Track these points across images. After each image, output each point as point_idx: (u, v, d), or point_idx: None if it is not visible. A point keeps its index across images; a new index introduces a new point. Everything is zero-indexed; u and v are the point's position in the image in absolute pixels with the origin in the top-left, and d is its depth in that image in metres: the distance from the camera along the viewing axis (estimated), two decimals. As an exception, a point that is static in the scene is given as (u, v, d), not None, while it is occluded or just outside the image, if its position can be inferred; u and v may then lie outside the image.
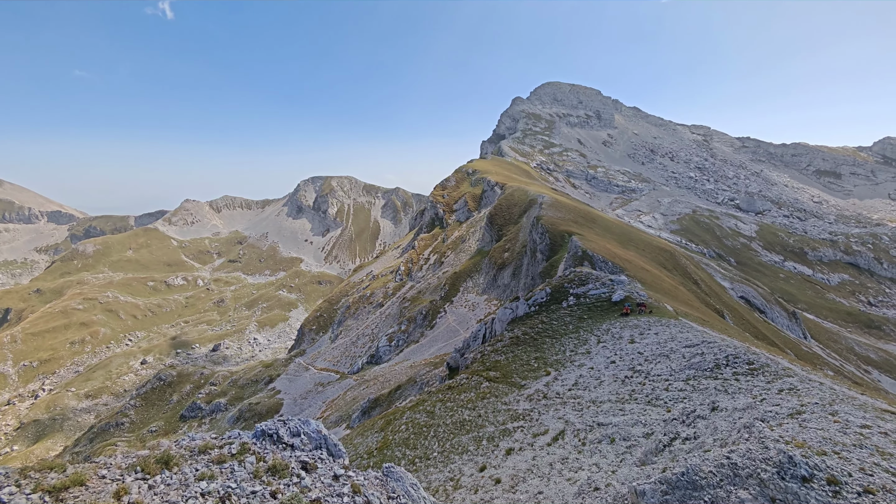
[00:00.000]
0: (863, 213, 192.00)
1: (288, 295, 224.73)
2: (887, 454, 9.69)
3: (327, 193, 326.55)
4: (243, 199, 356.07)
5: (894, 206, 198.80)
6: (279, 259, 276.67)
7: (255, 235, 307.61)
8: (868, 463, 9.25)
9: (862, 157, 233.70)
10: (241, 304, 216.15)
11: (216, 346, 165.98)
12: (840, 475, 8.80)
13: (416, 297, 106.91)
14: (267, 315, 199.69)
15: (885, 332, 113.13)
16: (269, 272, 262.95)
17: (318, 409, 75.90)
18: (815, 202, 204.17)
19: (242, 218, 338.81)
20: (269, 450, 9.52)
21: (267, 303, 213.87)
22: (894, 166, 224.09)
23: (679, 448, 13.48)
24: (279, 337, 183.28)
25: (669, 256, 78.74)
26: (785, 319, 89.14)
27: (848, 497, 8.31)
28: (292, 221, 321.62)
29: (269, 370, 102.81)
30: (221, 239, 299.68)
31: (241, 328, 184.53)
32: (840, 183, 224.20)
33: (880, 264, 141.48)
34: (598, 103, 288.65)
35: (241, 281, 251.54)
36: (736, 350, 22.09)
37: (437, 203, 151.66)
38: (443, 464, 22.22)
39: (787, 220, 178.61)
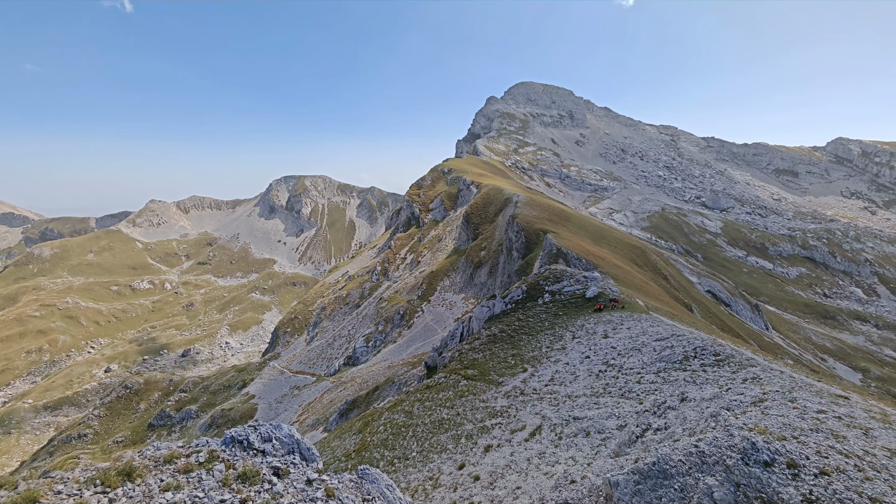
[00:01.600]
0: (818, 210, 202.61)
1: (261, 297, 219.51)
2: (841, 437, 10.27)
3: (301, 193, 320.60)
4: (212, 200, 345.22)
5: (846, 203, 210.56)
6: (251, 260, 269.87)
7: (226, 237, 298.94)
8: (824, 446, 9.78)
9: (816, 157, 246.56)
10: (211, 308, 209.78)
11: (186, 351, 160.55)
12: (799, 458, 9.28)
13: (393, 297, 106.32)
14: (239, 318, 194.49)
15: (839, 321, 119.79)
16: (240, 274, 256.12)
17: (294, 412, 74.50)
18: (775, 199, 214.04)
19: (212, 219, 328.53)
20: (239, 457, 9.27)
21: (239, 305, 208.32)
22: (846, 165, 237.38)
23: (651, 439, 13.89)
24: (252, 340, 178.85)
25: (640, 253, 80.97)
26: (748, 312, 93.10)
27: (806, 479, 8.78)
28: (265, 222, 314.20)
29: (243, 374, 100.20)
30: (190, 240, 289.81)
31: (213, 332, 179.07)
32: (797, 181, 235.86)
33: (834, 258, 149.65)
34: (571, 103, 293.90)
35: (212, 283, 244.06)
36: (703, 342, 22.92)
37: (414, 202, 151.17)
38: (422, 463, 22.19)
39: (749, 216, 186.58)
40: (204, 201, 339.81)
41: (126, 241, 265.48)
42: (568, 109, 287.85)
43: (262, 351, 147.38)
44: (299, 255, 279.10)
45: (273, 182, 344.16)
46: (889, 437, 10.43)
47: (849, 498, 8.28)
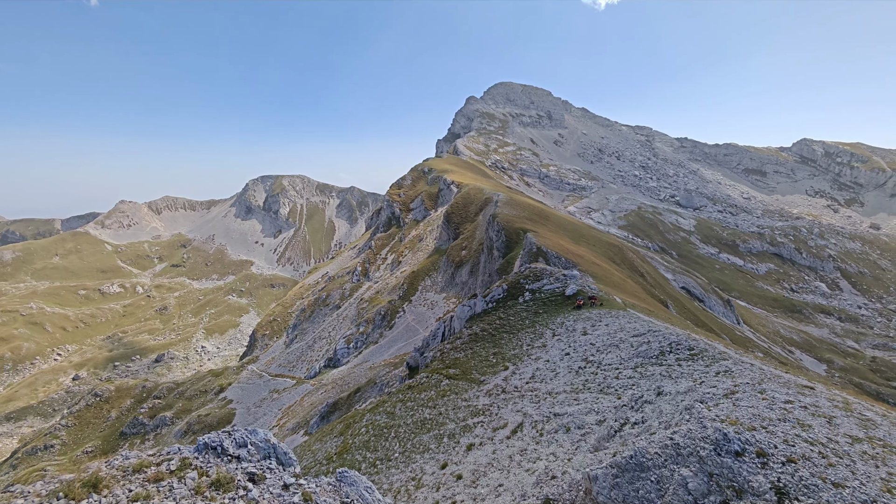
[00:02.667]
0: (785, 208, 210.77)
1: (238, 300, 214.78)
2: (806, 425, 10.71)
3: (278, 193, 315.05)
4: (186, 200, 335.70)
5: (810, 202, 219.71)
6: (228, 262, 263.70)
7: (201, 238, 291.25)
8: (790, 435, 10.19)
9: (783, 157, 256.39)
10: (186, 311, 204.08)
11: (160, 356, 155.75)
12: (767, 448, 9.64)
13: (375, 298, 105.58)
14: (216, 321, 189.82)
15: (805, 315, 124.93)
16: (216, 276, 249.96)
17: (273, 416, 73.19)
18: (745, 198, 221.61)
19: (186, 220, 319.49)
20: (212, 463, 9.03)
21: (215, 308, 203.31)
22: (810, 165, 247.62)
23: (629, 433, 14.19)
24: (230, 344, 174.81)
25: (618, 251, 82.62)
26: (721, 307, 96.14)
27: (774, 467, 9.13)
28: (241, 223, 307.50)
29: (220, 379, 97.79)
30: (163, 242, 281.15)
31: (188, 336, 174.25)
32: (765, 180, 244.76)
33: (800, 254, 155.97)
34: (549, 104, 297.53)
35: (186, 286, 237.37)
36: (678, 337, 23.54)
37: (394, 202, 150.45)
38: (404, 464, 22.12)
39: (721, 214, 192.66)
40: (177, 202, 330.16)
41: (94, 243, 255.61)
42: (546, 110, 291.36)
43: (240, 354, 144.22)
44: (277, 256, 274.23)
45: (250, 182, 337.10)
46: (851, 425, 10.94)
47: (814, 483, 8.65)
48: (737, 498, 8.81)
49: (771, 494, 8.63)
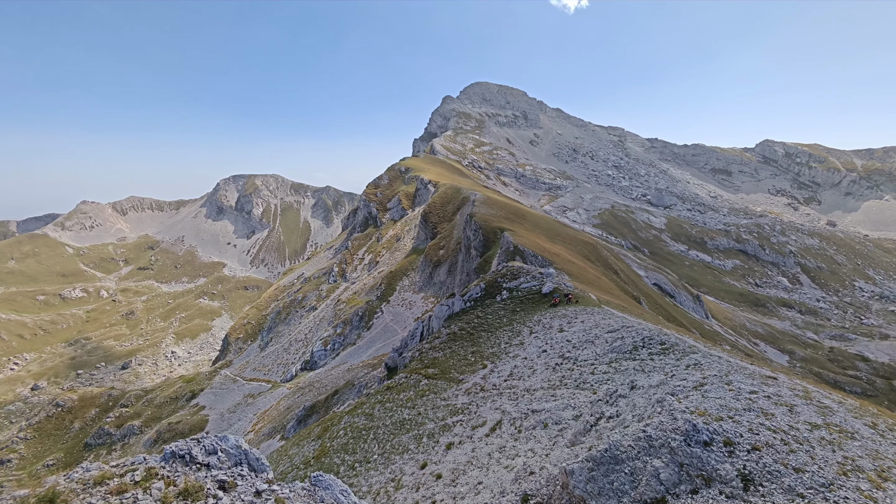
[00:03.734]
0: (749, 207, 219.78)
1: (210, 303, 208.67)
2: (770, 414, 11.21)
3: (251, 193, 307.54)
4: (153, 200, 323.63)
5: (773, 200, 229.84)
6: (198, 264, 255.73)
7: (170, 239, 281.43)
8: (755, 423, 10.64)
9: (747, 157, 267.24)
10: (154, 316, 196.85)
11: (126, 363, 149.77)
12: (734, 437, 10.04)
13: (352, 299, 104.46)
14: (186, 326, 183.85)
15: (768, 308, 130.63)
16: (186, 279, 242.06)
17: (248, 422, 71.49)
18: (712, 197, 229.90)
19: (153, 221, 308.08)
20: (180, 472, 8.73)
21: (186, 312, 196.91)
22: (772, 165, 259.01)
23: (604, 427, 14.52)
24: (201, 349, 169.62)
25: (592, 249, 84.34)
26: (690, 302, 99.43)
27: (740, 455, 9.52)
28: (212, 223, 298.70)
29: (191, 385, 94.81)
30: (129, 244, 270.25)
31: (157, 342, 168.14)
32: (731, 180, 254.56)
33: (763, 250, 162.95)
34: (525, 104, 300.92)
35: (155, 290, 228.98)
36: (650, 332, 24.21)
37: (371, 202, 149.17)
38: (383, 465, 21.99)
39: (689, 213, 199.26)
40: (144, 202, 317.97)
41: (54, 245, 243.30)
42: (522, 110, 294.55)
43: (213, 359, 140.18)
44: (251, 257, 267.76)
45: (221, 182, 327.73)
46: (810, 412, 11.51)
47: (776, 469, 9.07)
48: (706, 486, 9.15)
49: (737, 481, 9.01)
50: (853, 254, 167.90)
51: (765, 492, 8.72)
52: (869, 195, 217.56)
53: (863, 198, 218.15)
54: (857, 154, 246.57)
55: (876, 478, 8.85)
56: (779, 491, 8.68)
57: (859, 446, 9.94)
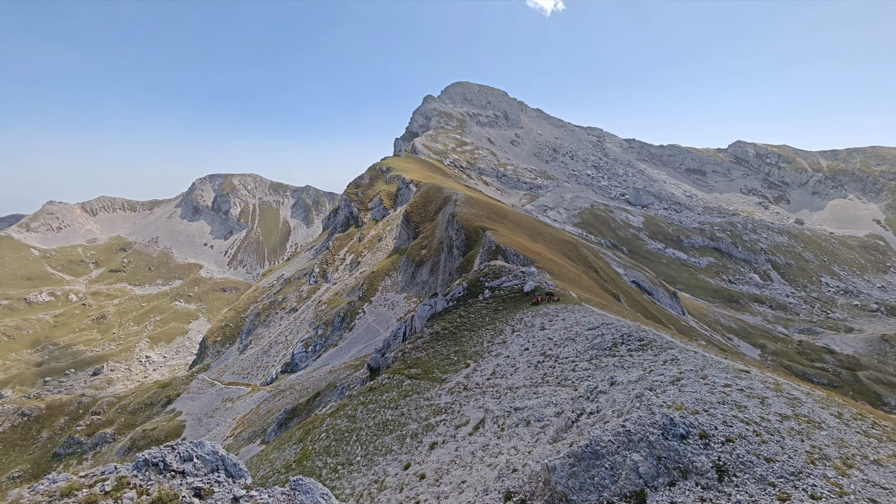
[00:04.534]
0: (722, 206, 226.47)
1: (186, 305, 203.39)
2: (742, 406, 11.59)
3: (228, 193, 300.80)
4: (125, 200, 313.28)
5: (744, 199, 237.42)
6: (174, 266, 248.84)
7: (143, 241, 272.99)
8: (729, 416, 10.99)
9: (720, 158, 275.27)
10: (128, 319, 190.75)
11: (98, 369, 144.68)
12: (709, 429, 10.35)
13: (333, 299, 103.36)
14: (161, 329, 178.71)
15: (741, 304, 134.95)
16: (161, 281, 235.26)
17: (227, 426, 69.99)
18: (687, 196, 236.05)
19: (125, 221, 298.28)
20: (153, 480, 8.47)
21: (160, 315, 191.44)
22: (743, 166, 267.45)
23: (585, 422, 14.75)
24: (177, 353, 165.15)
25: (573, 248, 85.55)
26: (667, 299, 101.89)
27: (715, 447, 9.82)
28: (188, 224, 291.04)
29: (167, 390, 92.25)
30: (99, 246, 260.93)
31: (130, 346, 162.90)
32: (705, 179, 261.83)
33: (736, 248, 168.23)
34: (506, 104, 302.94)
35: (128, 293, 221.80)
36: (629, 329, 24.72)
37: (352, 201, 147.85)
38: (366, 467, 21.84)
39: (666, 212, 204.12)
40: (115, 202, 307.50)
41: (18, 247, 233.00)
42: (503, 110, 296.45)
43: (189, 363, 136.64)
44: (229, 258, 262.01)
45: (196, 181, 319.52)
46: (781, 404, 11.94)
47: (749, 460, 9.39)
48: (683, 478, 9.40)
49: (712, 473, 9.28)
50: (820, 251, 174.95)
51: (738, 482, 9.02)
52: (834, 194, 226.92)
53: (828, 197, 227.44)
54: (823, 155, 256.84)
55: (841, 465, 9.25)
56: (751, 481, 8.99)
57: (826, 435, 10.37)
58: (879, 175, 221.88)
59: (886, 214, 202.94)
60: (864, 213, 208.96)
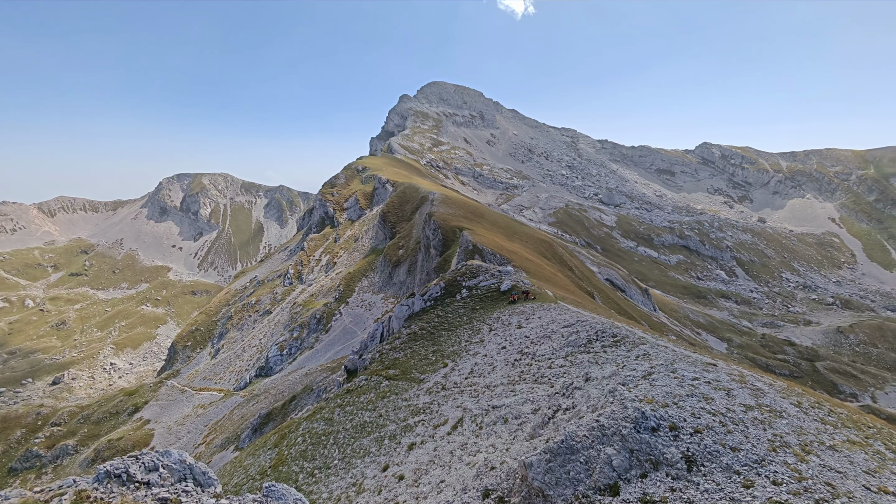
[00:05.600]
0: (690, 205, 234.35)
1: (154, 309, 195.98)
2: (710, 398, 12.04)
3: (198, 192, 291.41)
4: (87, 201, 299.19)
5: (711, 199, 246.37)
6: (140, 269, 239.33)
7: (106, 243, 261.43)
8: (697, 408, 11.40)
9: (688, 158, 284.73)
10: (90, 325, 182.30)
11: (58, 378, 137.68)
12: (678, 421, 10.70)
13: (309, 301, 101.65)
14: (127, 335, 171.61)
15: (709, 300, 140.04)
16: (126, 285, 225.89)
17: (199, 434, 67.87)
18: (657, 196, 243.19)
19: (87, 223, 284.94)
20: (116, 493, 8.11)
21: (126, 320, 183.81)
22: (710, 166, 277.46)
23: (561, 418, 15.00)
24: (145, 359, 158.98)
25: (548, 247, 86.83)
26: (640, 296, 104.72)
27: (684, 438, 10.17)
28: (155, 225, 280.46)
29: (134, 398, 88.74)
30: (58, 249, 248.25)
31: (93, 353, 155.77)
32: (674, 180, 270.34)
33: (704, 246, 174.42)
34: (481, 105, 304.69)
35: (90, 297, 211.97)
36: (603, 326, 25.28)
37: (327, 201, 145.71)
38: (344, 470, 21.59)
39: (638, 211, 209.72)
40: (75, 203, 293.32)
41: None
42: (479, 110, 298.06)
43: (158, 369, 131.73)
44: (199, 260, 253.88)
45: (164, 181, 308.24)
46: (745, 395, 12.46)
47: (716, 450, 9.76)
48: (654, 470, 9.70)
49: (682, 463, 9.61)
50: (780, 248, 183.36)
51: (706, 471, 9.38)
52: (793, 194, 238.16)
53: (788, 196, 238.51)
54: (783, 156, 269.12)
55: (800, 451, 9.74)
56: (718, 469, 9.36)
57: (786, 424, 10.89)
58: (834, 176, 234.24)
59: (840, 213, 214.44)
60: (821, 211, 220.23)
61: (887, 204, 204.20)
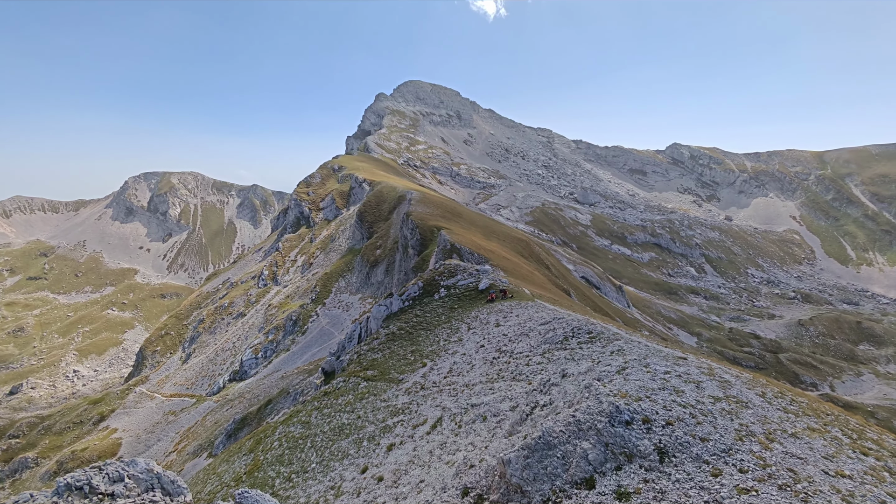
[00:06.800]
0: (662, 204, 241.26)
1: (120, 314, 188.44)
2: (680, 391, 12.42)
3: (167, 192, 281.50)
4: (46, 201, 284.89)
5: (681, 198, 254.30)
6: (105, 272, 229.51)
7: (67, 245, 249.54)
8: (668, 401, 11.74)
9: (659, 159, 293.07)
10: (51, 331, 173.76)
11: (15, 387, 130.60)
12: (651, 415, 11.00)
13: (284, 303, 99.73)
14: (91, 340, 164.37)
15: (679, 296, 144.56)
16: (90, 288, 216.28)
17: (170, 441, 65.69)
18: (630, 195, 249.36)
19: (46, 224, 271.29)
20: (77, 507, 7.77)
21: (90, 326, 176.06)
22: (679, 166, 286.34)
23: (538, 415, 15.20)
24: (111, 365, 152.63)
25: (525, 245, 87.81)
26: (614, 293, 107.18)
27: (656, 431, 10.46)
28: (121, 226, 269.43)
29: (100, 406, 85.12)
30: (15, 251, 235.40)
31: (54, 361, 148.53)
32: (646, 179, 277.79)
33: (674, 243, 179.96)
34: (458, 104, 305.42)
35: (50, 302, 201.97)
36: (579, 323, 25.74)
37: (303, 201, 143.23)
38: (322, 474, 21.29)
39: (612, 210, 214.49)
40: (33, 203, 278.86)
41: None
42: (456, 109, 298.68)
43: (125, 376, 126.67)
44: (168, 262, 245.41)
45: (130, 180, 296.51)
46: (713, 387, 12.92)
47: (686, 441, 10.09)
48: (628, 462, 9.94)
49: (654, 455, 9.89)
50: (746, 245, 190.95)
51: (677, 461, 9.68)
52: (757, 193, 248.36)
53: (752, 195, 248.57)
54: (748, 157, 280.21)
55: (765, 440, 10.17)
56: (689, 460, 9.67)
57: (752, 414, 11.35)
58: (795, 176, 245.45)
59: (801, 211, 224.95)
60: (783, 210, 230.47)
61: (843, 203, 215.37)
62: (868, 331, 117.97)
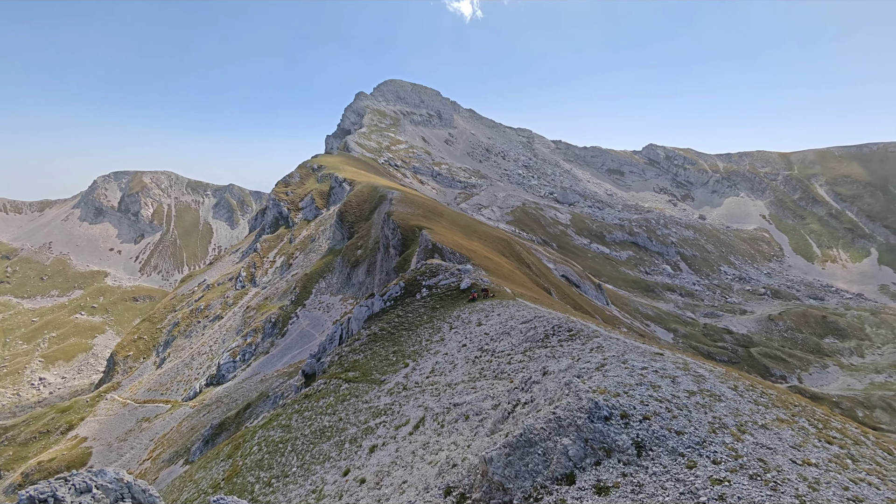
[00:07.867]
0: (639, 203, 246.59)
1: (89, 318, 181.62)
2: (657, 386, 12.73)
3: (138, 192, 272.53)
4: (7, 201, 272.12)
5: (657, 197, 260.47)
6: (72, 274, 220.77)
7: (32, 246, 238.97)
8: (645, 396, 12.03)
9: (636, 159, 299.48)
10: (14, 338, 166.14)
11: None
12: (629, 410, 11.25)
13: (263, 304, 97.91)
14: (59, 346, 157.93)
15: (656, 293, 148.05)
16: (57, 292, 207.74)
17: (144, 449, 63.72)
18: (608, 195, 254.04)
19: (8, 225, 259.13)
20: (41, 520, 7.46)
21: (57, 331, 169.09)
22: (655, 167, 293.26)
23: (520, 413, 15.34)
24: (80, 372, 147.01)
25: (506, 245, 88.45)
26: (593, 291, 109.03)
27: (634, 425, 10.70)
28: (89, 227, 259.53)
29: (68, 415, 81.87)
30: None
31: (18, 368, 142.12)
32: (623, 179, 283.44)
33: (651, 242, 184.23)
34: (439, 104, 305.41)
35: (14, 307, 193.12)
36: (559, 321, 26.09)
37: (281, 201, 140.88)
38: (303, 477, 21.00)
39: (591, 209, 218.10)
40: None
41: None
42: (436, 109, 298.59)
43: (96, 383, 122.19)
44: (140, 264, 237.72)
45: (99, 179, 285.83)
46: (688, 381, 13.28)
47: (662, 434, 10.35)
48: (607, 457, 10.15)
49: (632, 449, 10.12)
50: (719, 243, 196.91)
51: (654, 455, 9.93)
52: (729, 192, 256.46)
53: (725, 195, 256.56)
54: (720, 157, 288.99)
55: (737, 431, 10.52)
56: (665, 453, 9.93)
57: (724, 407, 11.73)
58: (764, 176, 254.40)
59: (770, 210, 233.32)
60: (753, 209, 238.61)
61: (809, 202, 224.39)
62: (833, 324, 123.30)
